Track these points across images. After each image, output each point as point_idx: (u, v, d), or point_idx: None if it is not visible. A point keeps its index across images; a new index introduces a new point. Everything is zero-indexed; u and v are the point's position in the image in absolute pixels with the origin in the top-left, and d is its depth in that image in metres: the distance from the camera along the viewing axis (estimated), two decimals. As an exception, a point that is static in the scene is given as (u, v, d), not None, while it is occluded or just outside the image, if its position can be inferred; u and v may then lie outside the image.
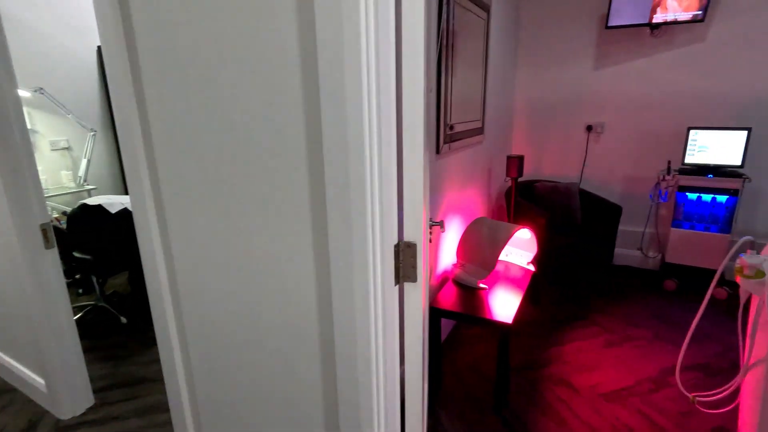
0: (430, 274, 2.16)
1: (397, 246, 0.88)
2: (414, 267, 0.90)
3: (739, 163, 2.75)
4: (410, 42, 0.77)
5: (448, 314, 1.92)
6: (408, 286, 0.91)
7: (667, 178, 2.99)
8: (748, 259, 1.36)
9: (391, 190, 0.81)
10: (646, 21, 2.85)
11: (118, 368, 2.24)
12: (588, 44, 3.24)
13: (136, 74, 0.98)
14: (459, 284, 2.17)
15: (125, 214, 2.60)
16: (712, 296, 2.89)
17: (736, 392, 1.87)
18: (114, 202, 2.55)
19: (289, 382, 1.02)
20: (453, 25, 2.06)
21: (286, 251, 0.91)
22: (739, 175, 2.70)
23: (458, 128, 2.32)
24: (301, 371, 0.99)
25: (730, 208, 2.78)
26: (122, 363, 2.29)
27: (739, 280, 1.40)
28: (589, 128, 3.38)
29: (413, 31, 0.76)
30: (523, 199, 3.26)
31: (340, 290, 0.84)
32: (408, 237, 0.88)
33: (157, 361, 2.32)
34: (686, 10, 2.75)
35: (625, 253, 3.42)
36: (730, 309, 2.71)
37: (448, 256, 2.37)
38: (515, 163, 2.74)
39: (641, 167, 3.27)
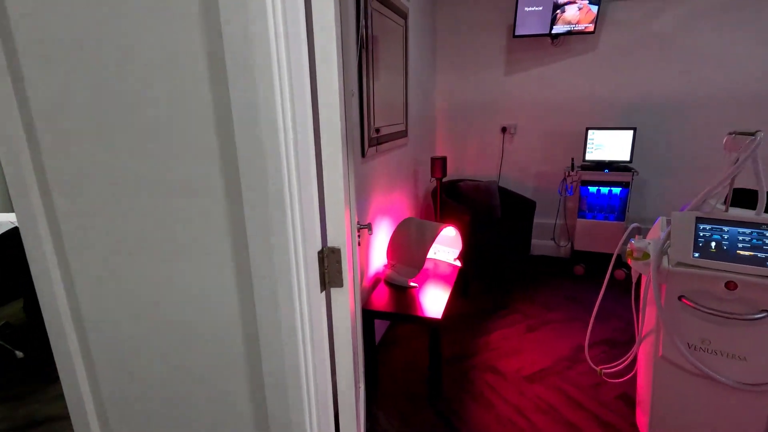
0: (362, 277, 2.17)
1: (321, 252, 0.87)
2: (340, 272, 0.90)
3: (628, 158, 3.12)
4: (323, 46, 0.78)
5: (381, 315, 1.95)
6: (335, 292, 0.91)
7: (571, 174, 3.30)
8: (636, 243, 1.55)
9: (311, 197, 0.81)
10: (547, 31, 3.13)
11: (17, 409, 1.97)
12: (499, 52, 3.47)
13: (14, 69, 0.87)
14: (391, 285, 2.21)
15: (13, 234, 2.29)
16: (613, 277, 3.24)
17: (634, 361, 2.12)
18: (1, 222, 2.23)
19: (215, 408, 0.97)
20: (372, 30, 2.10)
21: (204, 266, 0.87)
22: (629, 170, 3.06)
23: (383, 131, 2.37)
24: (229, 395, 0.95)
25: (623, 199, 3.14)
26: (22, 403, 2.02)
27: (630, 262, 1.59)
28: (503, 130, 3.63)
29: (326, 33, 0.76)
30: (448, 197, 3.41)
31: (264, 303, 0.82)
32: (332, 242, 0.89)
33: (62, 396, 2.08)
34: (579, 22, 3.07)
35: (540, 244, 3.72)
36: (629, 287, 3.06)
37: (379, 257, 2.40)
38: (439, 164, 2.86)
39: (550, 164, 3.58)
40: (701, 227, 1.41)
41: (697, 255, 1.37)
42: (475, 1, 3.41)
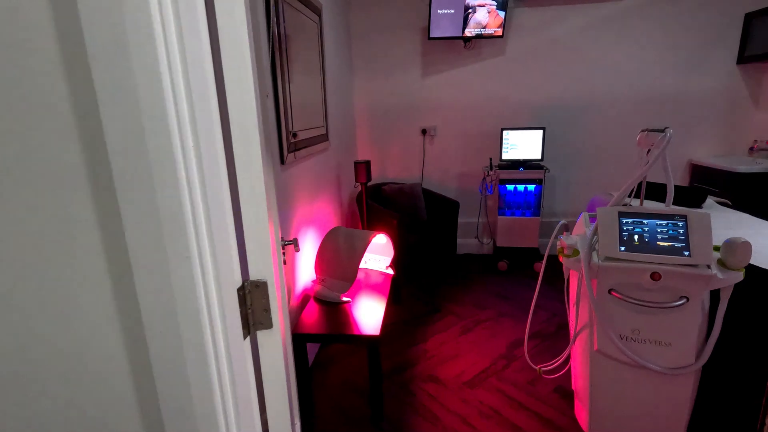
0: (289, 296, 1.97)
1: (242, 289, 0.69)
2: (268, 310, 0.73)
3: (539, 156, 3.29)
4: (229, 32, 0.60)
5: (313, 338, 1.77)
6: (263, 336, 0.74)
7: (490, 173, 3.39)
8: (566, 240, 1.57)
9: (224, 220, 0.62)
10: (460, 34, 3.18)
11: None
12: (415, 53, 3.46)
13: None
14: (321, 301, 2.04)
15: None
16: (533, 269, 3.40)
17: (569, 356, 2.19)
18: None
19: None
20: (285, 26, 1.92)
21: (76, 321, 0.64)
22: (541, 167, 3.23)
23: (302, 135, 2.18)
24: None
25: (537, 195, 3.30)
26: None
27: (562, 259, 1.60)
28: (423, 131, 3.63)
29: (232, 17, 0.59)
30: (374, 202, 3.31)
31: (166, 370, 0.62)
32: (256, 274, 0.71)
33: None
34: (489, 26, 3.16)
35: (465, 243, 3.79)
36: (549, 279, 3.22)
37: (306, 272, 2.21)
38: (363, 168, 2.74)
39: (470, 165, 3.66)
40: (624, 221, 1.45)
41: (623, 249, 1.41)
42: (388, 1, 3.37)
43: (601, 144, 3.49)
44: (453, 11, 3.09)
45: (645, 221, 1.44)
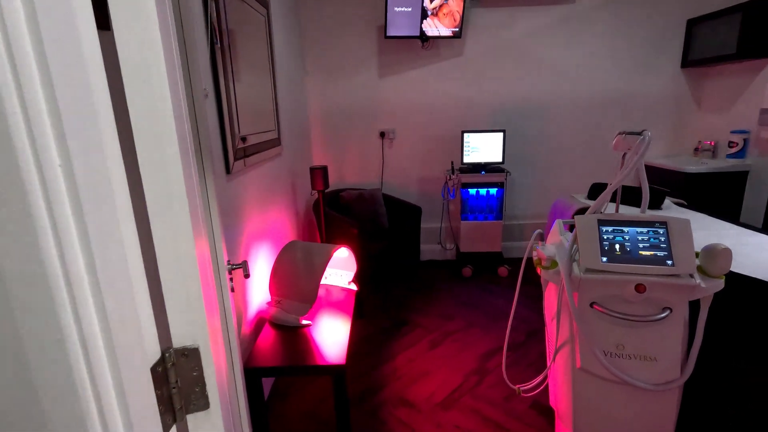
0: (240, 323, 1.73)
1: (160, 363, 0.49)
2: (202, 385, 0.53)
3: (500, 159, 3.23)
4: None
5: (270, 372, 1.55)
6: (195, 420, 0.53)
7: (452, 177, 3.30)
8: (544, 251, 1.46)
9: (121, 267, 0.42)
10: (417, 33, 3.06)
11: None
12: (371, 53, 3.31)
13: None
14: (278, 326, 1.82)
15: None
16: (497, 274, 3.34)
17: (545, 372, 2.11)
18: None
19: None
20: (227, 18, 1.69)
21: None
22: (502, 170, 3.17)
23: (252, 140, 1.95)
24: None
25: (500, 199, 3.25)
26: None
27: (540, 271, 1.50)
28: (382, 134, 3.48)
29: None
30: (332, 210, 3.11)
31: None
32: (182, 339, 0.51)
33: None
34: (447, 26, 3.07)
35: (428, 249, 3.67)
36: (513, 283, 3.17)
37: (260, 293, 1.98)
38: (320, 174, 2.54)
39: (431, 169, 3.55)
40: (604, 230, 1.37)
41: (605, 259, 1.32)
42: (342, -1, 3.19)
43: (558, 146, 3.50)
44: (410, 9, 2.97)
45: (625, 229, 1.36)
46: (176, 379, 0.51)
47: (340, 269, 2.25)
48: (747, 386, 1.53)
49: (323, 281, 2.23)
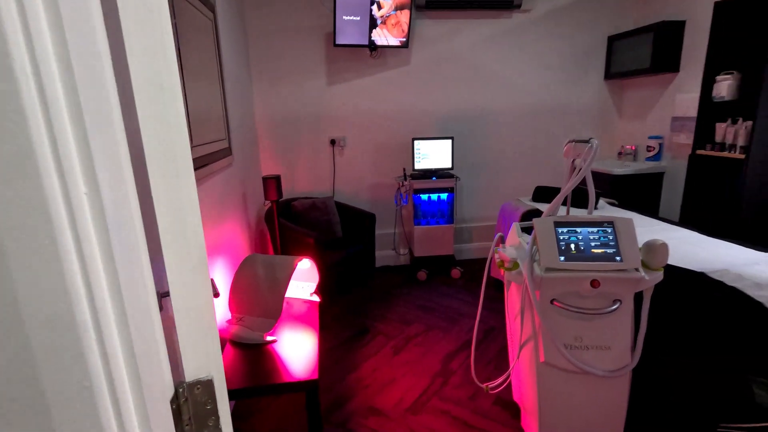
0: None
1: (175, 399, 0.45)
2: (215, 416, 0.50)
3: (450, 165, 3.35)
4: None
5: (238, 393, 1.47)
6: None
7: (405, 183, 3.36)
8: (506, 253, 1.54)
9: (144, 302, 0.39)
10: (366, 42, 3.09)
11: None
12: (319, 60, 3.28)
13: None
14: (240, 344, 1.73)
15: None
16: (450, 276, 3.44)
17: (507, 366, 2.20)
18: None
19: None
20: (175, 20, 1.59)
21: None
22: (452, 176, 3.29)
23: (202, 151, 1.86)
24: None
25: (450, 203, 3.36)
26: None
27: (503, 273, 1.57)
28: (332, 142, 3.46)
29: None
30: (286, 220, 3.03)
31: None
32: (195, 372, 0.48)
33: None
34: (395, 36, 3.13)
35: (382, 255, 3.70)
36: (467, 285, 3.28)
37: (218, 311, 1.88)
38: (273, 184, 2.47)
39: (383, 175, 3.59)
40: (560, 231, 1.47)
41: (563, 258, 1.42)
42: (288, 3, 3.14)
43: (502, 152, 3.70)
44: (359, 18, 2.99)
45: (578, 229, 1.47)
46: (190, 414, 0.48)
47: (301, 281, 2.20)
48: (667, 378, 1.70)
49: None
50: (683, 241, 2.05)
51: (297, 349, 1.68)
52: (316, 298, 2.12)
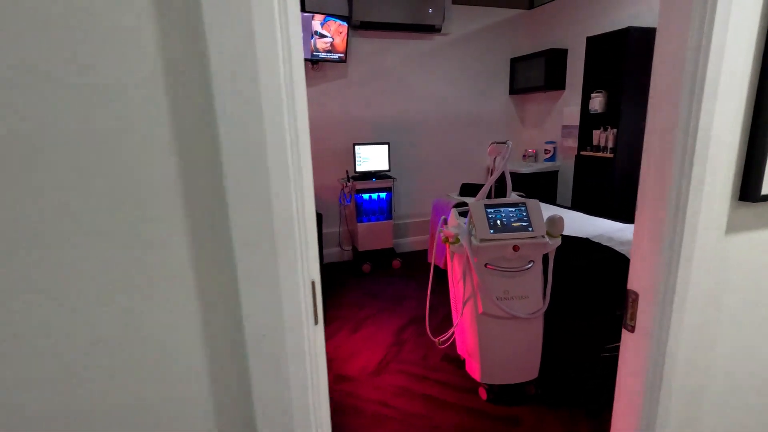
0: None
1: (312, 283, 0.76)
2: (317, 306, 0.81)
3: (387, 168, 3.76)
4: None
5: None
6: (316, 329, 0.81)
7: (348, 185, 3.69)
8: (451, 230, 1.96)
9: (312, 225, 0.70)
10: (309, 56, 3.39)
11: None
12: (263, 72, 3.49)
13: None
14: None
15: None
16: (392, 267, 3.84)
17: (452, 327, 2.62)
18: None
19: None
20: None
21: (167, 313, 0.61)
22: (389, 177, 3.70)
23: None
24: None
25: (389, 201, 3.77)
26: None
27: (448, 247, 1.99)
28: (277, 148, 3.67)
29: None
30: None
31: (264, 370, 0.66)
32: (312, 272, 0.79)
33: None
34: (334, 51, 3.47)
35: (327, 252, 3.98)
36: (405, 273, 3.70)
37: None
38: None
39: (328, 178, 3.88)
40: (489, 211, 1.92)
41: (492, 231, 1.87)
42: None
43: (430, 155, 4.21)
44: (301, 33, 3.28)
45: (501, 209, 1.94)
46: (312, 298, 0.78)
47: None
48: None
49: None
50: (574, 219, 2.66)
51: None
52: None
